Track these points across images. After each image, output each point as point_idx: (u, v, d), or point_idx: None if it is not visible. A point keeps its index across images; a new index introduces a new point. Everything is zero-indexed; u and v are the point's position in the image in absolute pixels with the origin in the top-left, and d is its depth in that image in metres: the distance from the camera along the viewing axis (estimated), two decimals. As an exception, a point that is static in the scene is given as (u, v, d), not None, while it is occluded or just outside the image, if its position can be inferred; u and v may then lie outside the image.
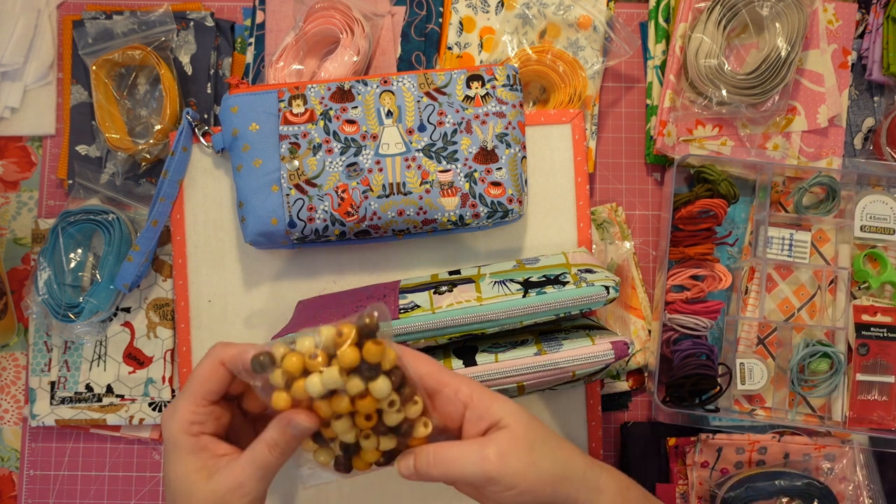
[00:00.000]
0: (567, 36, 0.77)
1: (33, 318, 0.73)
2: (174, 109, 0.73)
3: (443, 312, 0.57)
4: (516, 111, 0.66)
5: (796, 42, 0.72)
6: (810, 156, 0.78)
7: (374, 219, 0.65)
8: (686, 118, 0.76)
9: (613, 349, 0.57)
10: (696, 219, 0.73)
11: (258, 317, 0.71)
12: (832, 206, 0.75)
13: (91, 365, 0.73)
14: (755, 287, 0.75)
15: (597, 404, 0.71)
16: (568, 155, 0.71)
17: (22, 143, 0.78)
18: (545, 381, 0.57)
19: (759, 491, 0.69)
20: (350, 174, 0.65)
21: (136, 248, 0.70)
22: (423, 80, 0.66)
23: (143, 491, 0.74)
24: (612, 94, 0.80)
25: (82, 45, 0.74)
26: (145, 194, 0.75)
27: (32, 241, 0.75)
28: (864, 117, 0.79)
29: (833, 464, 0.72)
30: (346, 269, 0.71)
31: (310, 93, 0.66)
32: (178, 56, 0.76)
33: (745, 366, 0.74)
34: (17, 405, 0.75)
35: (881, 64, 0.78)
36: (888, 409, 0.73)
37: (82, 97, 0.76)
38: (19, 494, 0.75)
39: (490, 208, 0.65)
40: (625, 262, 0.76)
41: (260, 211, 0.65)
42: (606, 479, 0.50)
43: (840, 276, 0.76)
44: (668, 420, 0.73)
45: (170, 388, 0.73)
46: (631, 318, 0.76)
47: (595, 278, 0.58)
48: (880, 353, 0.74)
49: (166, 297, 0.73)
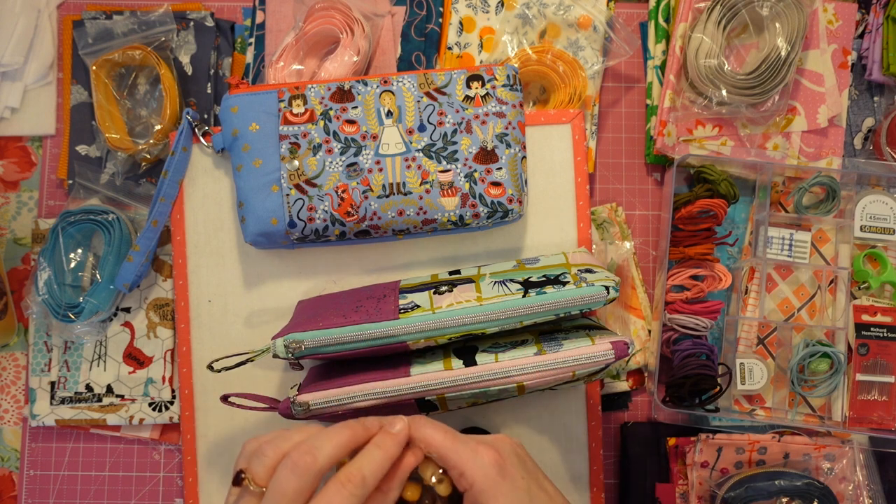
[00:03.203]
0: (567, 36, 0.77)
1: (33, 318, 0.73)
2: (174, 109, 0.73)
3: (443, 312, 0.57)
4: (516, 111, 0.66)
5: (796, 42, 0.72)
6: (810, 156, 0.78)
7: (374, 219, 0.65)
8: (686, 118, 0.76)
9: (613, 349, 0.57)
10: (696, 219, 0.73)
11: (258, 317, 0.71)
12: (832, 206, 0.75)
13: (91, 365, 0.73)
14: (755, 287, 0.75)
15: (597, 404, 0.71)
16: (568, 155, 0.71)
17: (22, 143, 0.78)
18: (545, 381, 0.57)
19: (759, 491, 0.69)
20: (350, 174, 0.65)
21: (136, 248, 0.70)
22: (423, 80, 0.66)
23: (143, 491, 0.74)
24: (612, 94, 0.80)
25: (82, 45, 0.74)
26: (145, 194, 0.75)
27: (32, 241, 0.75)
28: (864, 117, 0.79)
29: (833, 464, 0.72)
30: (346, 269, 0.71)
31: (310, 93, 0.66)
32: (178, 56, 0.76)
33: (745, 366, 0.74)
34: (17, 405, 0.75)
35: (881, 64, 0.78)
36: (888, 409, 0.73)
37: (82, 97, 0.76)
38: (19, 494, 0.75)
39: (490, 208, 0.65)
40: (625, 262, 0.76)
41: (260, 211, 0.65)
42: None
43: (840, 276, 0.76)
44: (668, 420, 0.73)
45: (170, 388, 0.73)
46: (631, 318, 0.76)
47: (595, 278, 0.58)
48: (880, 353, 0.74)
49: (166, 297, 0.73)
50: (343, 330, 0.57)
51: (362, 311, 0.59)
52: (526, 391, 0.58)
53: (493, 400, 0.61)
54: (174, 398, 0.73)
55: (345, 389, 0.57)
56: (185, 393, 0.70)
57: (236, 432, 0.70)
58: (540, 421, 0.71)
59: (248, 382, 0.70)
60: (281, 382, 0.70)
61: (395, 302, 0.59)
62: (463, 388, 0.57)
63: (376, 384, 0.57)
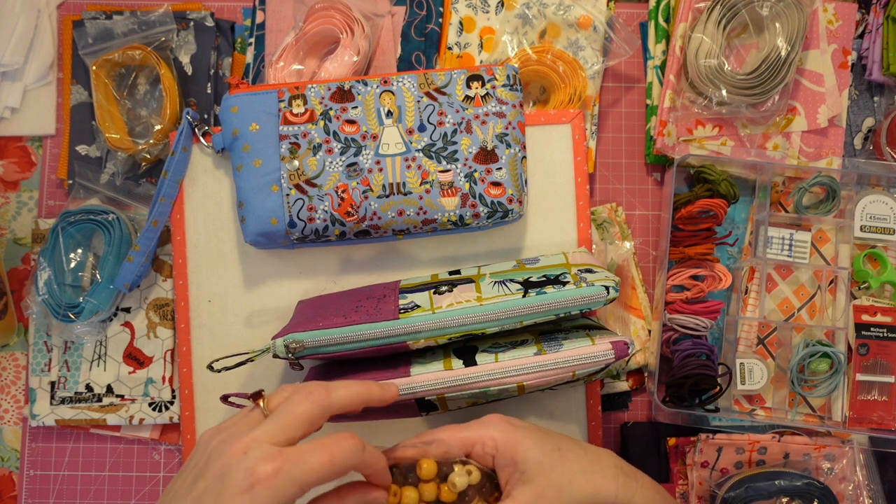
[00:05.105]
0: (567, 36, 0.77)
1: (33, 318, 0.73)
2: (174, 109, 0.73)
3: (443, 312, 0.57)
4: (516, 111, 0.66)
5: (796, 42, 0.72)
6: (810, 156, 0.78)
7: (374, 219, 0.65)
8: (686, 118, 0.76)
9: (613, 349, 0.57)
10: (696, 219, 0.73)
11: (258, 317, 0.71)
12: (832, 206, 0.75)
13: (91, 365, 0.73)
14: (755, 287, 0.75)
15: (597, 404, 0.71)
16: (568, 155, 0.71)
17: (22, 143, 0.78)
18: (545, 381, 0.57)
19: (759, 491, 0.69)
20: (350, 174, 0.65)
21: (136, 248, 0.70)
22: (423, 80, 0.66)
23: (143, 491, 0.74)
24: (612, 94, 0.80)
25: (82, 45, 0.74)
26: (145, 194, 0.75)
27: (32, 241, 0.75)
28: (864, 117, 0.79)
29: (833, 464, 0.72)
30: (346, 269, 0.71)
31: (310, 93, 0.66)
32: (178, 56, 0.76)
33: (745, 366, 0.74)
34: (17, 405, 0.75)
35: (881, 64, 0.78)
36: (888, 409, 0.73)
37: (82, 97, 0.76)
38: (19, 494, 0.75)
39: (490, 208, 0.65)
40: (625, 262, 0.76)
41: (260, 211, 0.65)
42: (639, 500, 0.51)
43: (840, 276, 0.76)
44: (668, 420, 0.73)
45: (170, 388, 0.73)
46: (631, 318, 0.76)
47: (595, 278, 0.58)
48: (880, 353, 0.74)
49: (166, 297, 0.73)
50: (343, 330, 0.57)
51: (362, 311, 0.59)
52: (526, 391, 0.58)
53: (493, 400, 0.61)
54: (174, 398, 0.73)
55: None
56: (185, 393, 0.70)
57: (236, 432, 0.70)
58: (540, 421, 0.70)
59: (248, 382, 0.70)
60: (281, 382, 0.70)
61: (395, 302, 0.59)
62: (463, 388, 0.57)
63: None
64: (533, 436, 0.51)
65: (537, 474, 0.49)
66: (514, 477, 0.50)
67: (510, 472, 0.50)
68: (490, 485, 0.51)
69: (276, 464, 0.42)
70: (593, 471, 0.51)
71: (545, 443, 0.51)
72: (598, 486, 0.50)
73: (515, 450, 0.50)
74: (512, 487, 0.50)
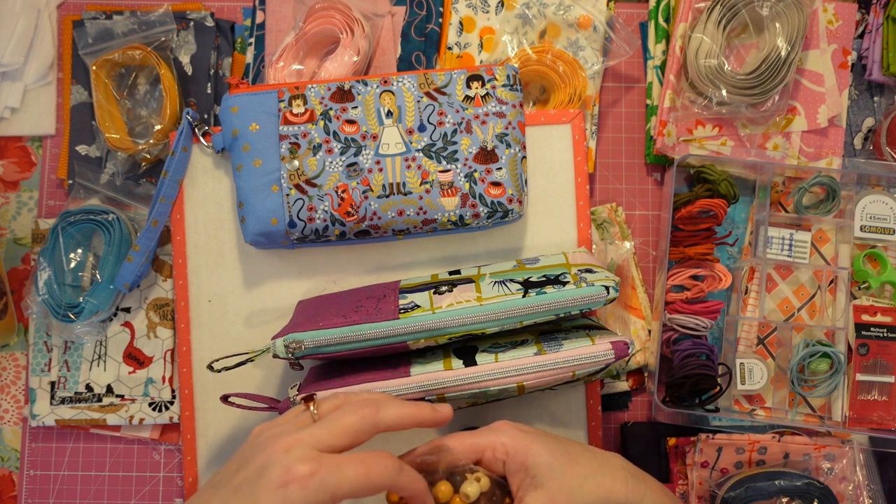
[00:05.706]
0: (567, 36, 0.77)
1: (33, 318, 0.73)
2: (174, 109, 0.73)
3: (443, 312, 0.57)
4: (516, 111, 0.66)
5: (796, 42, 0.72)
6: (810, 156, 0.78)
7: (374, 219, 0.65)
8: (686, 118, 0.76)
9: (613, 349, 0.57)
10: (696, 219, 0.73)
11: (258, 317, 0.71)
12: (832, 206, 0.75)
13: (91, 365, 0.73)
14: (755, 287, 0.75)
15: (597, 404, 0.71)
16: (568, 155, 0.71)
17: (22, 143, 0.78)
18: (545, 381, 0.57)
19: (759, 491, 0.69)
20: (350, 174, 0.65)
21: (136, 248, 0.70)
22: (423, 80, 0.66)
23: (143, 491, 0.74)
24: (612, 94, 0.80)
25: (82, 45, 0.74)
26: (145, 194, 0.75)
27: (32, 241, 0.75)
28: (864, 117, 0.79)
29: (833, 464, 0.72)
30: (346, 269, 0.71)
31: (310, 93, 0.66)
32: (178, 56, 0.76)
33: (745, 366, 0.74)
34: (17, 405, 0.75)
35: (881, 64, 0.78)
36: (888, 409, 0.73)
37: (82, 97, 0.76)
38: (19, 494, 0.75)
39: (490, 208, 0.65)
40: (625, 262, 0.76)
41: (260, 211, 0.65)
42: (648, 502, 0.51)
43: (840, 276, 0.76)
44: (668, 420, 0.73)
45: (170, 388, 0.73)
46: (631, 318, 0.76)
47: (595, 278, 0.58)
48: (880, 353, 0.74)
49: (166, 297, 0.73)
50: (343, 330, 0.57)
51: (362, 311, 0.59)
52: (526, 391, 0.58)
53: (493, 400, 0.61)
54: (174, 398, 0.73)
55: (345, 390, 0.57)
56: (185, 393, 0.70)
57: (236, 432, 0.70)
58: (540, 421, 0.70)
59: (248, 382, 0.70)
60: (281, 382, 0.70)
61: (395, 302, 0.59)
62: (463, 388, 0.57)
63: (376, 384, 0.57)
64: (542, 441, 0.51)
65: (548, 479, 0.49)
66: (526, 482, 0.50)
67: (521, 478, 0.50)
68: (500, 492, 0.51)
69: (313, 467, 0.43)
70: (603, 474, 0.51)
71: (554, 447, 0.51)
72: (608, 489, 0.50)
73: (525, 455, 0.50)
74: (524, 493, 0.50)
